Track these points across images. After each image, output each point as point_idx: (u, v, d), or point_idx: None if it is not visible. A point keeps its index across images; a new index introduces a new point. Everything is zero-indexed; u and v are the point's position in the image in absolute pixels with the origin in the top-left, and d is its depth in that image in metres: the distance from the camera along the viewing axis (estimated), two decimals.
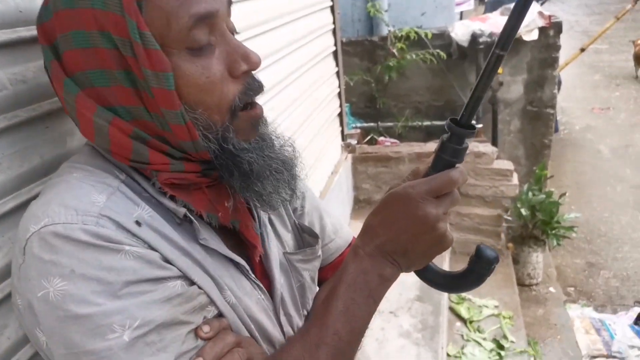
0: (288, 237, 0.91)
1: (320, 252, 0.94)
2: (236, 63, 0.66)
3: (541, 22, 4.04)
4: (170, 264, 0.65)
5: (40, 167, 0.87)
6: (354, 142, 3.69)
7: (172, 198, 0.68)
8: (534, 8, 4.15)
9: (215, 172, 0.71)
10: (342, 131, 3.58)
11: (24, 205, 0.82)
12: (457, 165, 0.70)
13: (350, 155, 3.72)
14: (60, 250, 0.58)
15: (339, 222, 1.07)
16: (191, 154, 0.68)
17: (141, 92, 0.63)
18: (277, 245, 0.86)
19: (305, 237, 0.94)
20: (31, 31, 0.84)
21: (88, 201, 0.62)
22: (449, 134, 0.69)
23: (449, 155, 0.69)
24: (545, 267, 4.02)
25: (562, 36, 4.22)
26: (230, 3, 0.68)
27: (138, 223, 0.64)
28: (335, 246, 1.02)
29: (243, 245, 0.79)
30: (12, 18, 0.81)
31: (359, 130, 3.90)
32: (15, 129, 0.82)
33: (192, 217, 0.69)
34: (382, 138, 4.33)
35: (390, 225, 0.70)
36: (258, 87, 0.70)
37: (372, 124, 4.59)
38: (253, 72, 0.70)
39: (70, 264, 0.57)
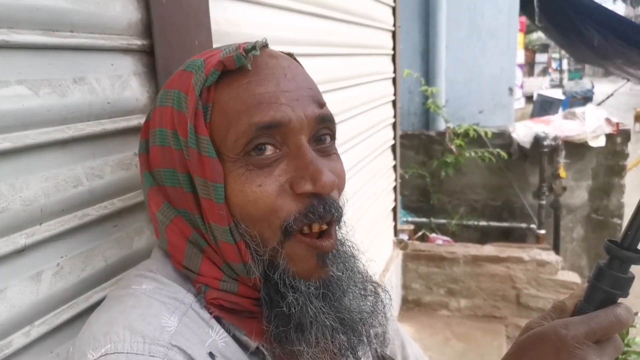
0: None
1: None
2: (301, 179, 0.55)
3: (608, 129, 3.92)
4: None
5: (102, 271, 0.78)
6: (405, 237, 3.54)
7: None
8: (601, 114, 4.06)
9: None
10: (395, 226, 3.45)
11: (79, 316, 0.73)
12: (619, 299, 0.56)
13: (401, 252, 3.56)
14: None
15: (420, 351, 0.93)
16: (244, 279, 0.58)
17: (199, 199, 0.57)
18: None
19: None
20: (116, 124, 0.79)
21: (158, 325, 0.52)
22: (609, 258, 0.56)
23: (610, 286, 0.56)
24: None
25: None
26: (324, 117, 0.59)
27: (212, 355, 0.54)
28: None
29: None
30: (99, 110, 0.77)
31: (412, 226, 3.75)
32: (83, 228, 0.74)
33: (265, 352, 0.58)
34: (433, 235, 4.16)
35: None
36: (325, 213, 0.56)
37: (424, 220, 4.44)
38: (323, 194, 0.57)
39: None
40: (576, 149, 4.09)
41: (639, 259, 0.55)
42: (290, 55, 0.64)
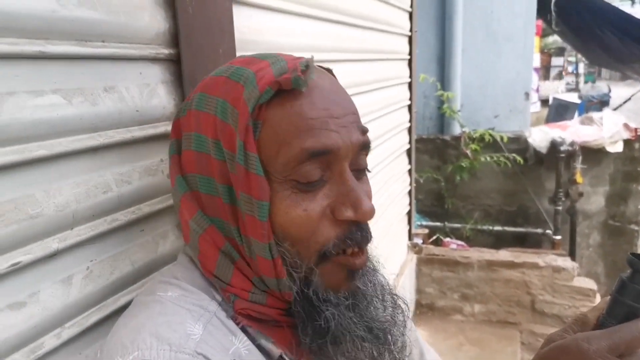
0: None
1: None
2: (343, 206, 0.57)
3: (626, 134, 3.88)
4: None
5: (130, 275, 0.80)
6: (419, 242, 3.53)
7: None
8: (619, 119, 4.01)
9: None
10: (410, 230, 3.44)
11: (107, 319, 0.75)
12: None
13: (415, 256, 3.55)
14: None
15: (438, 358, 0.93)
16: (274, 292, 0.59)
17: (237, 211, 0.57)
18: None
19: None
20: (144, 131, 0.81)
21: (183, 333, 0.53)
22: (632, 271, 0.56)
23: (633, 300, 0.55)
24: None
25: None
26: (365, 144, 0.60)
27: None
28: None
29: None
30: (129, 118, 0.79)
31: (426, 230, 3.74)
32: (112, 233, 0.76)
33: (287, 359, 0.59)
34: (447, 239, 4.14)
35: None
36: (362, 240, 0.59)
37: (438, 224, 4.43)
38: (362, 222, 0.59)
39: None
40: (593, 154, 4.05)
41: None
42: (330, 71, 0.64)
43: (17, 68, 0.62)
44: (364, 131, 0.60)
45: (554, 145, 3.97)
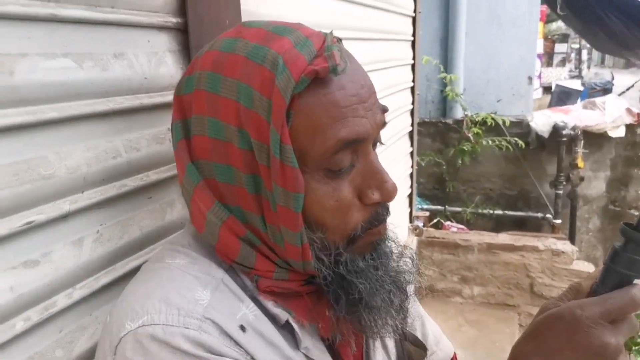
0: (391, 345, 0.79)
1: None
2: (369, 190, 0.58)
3: (629, 119, 3.87)
4: None
5: (139, 240, 0.81)
6: (420, 224, 3.55)
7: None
8: (622, 104, 4.00)
9: (318, 281, 0.62)
10: (411, 212, 3.46)
11: (117, 282, 0.77)
12: (635, 280, 0.57)
13: (416, 239, 3.57)
14: (156, 357, 0.50)
15: (439, 330, 0.95)
16: (297, 270, 0.61)
17: (263, 200, 0.57)
18: (382, 356, 0.75)
19: (407, 346, 0.82)
20: (152, 99, 0.82)
21: (192, 298, 0.54)
22: (624, 241, 0.57)
23: (626, 268, 0.57)
24: None
25: None
26: (385, 123, 0.61)
27: (242, 328, 0.56)
28: None
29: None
30: (137, 85, 0.79)
31: (427, 213, 3.76)
32: (121, 198, 0.77)
33: (294, 325, 0.60)
34: (448, 223, 4.16)
35: (551, 355, 0.57)
36: (385, 215, 0.61)
37: (439, 207, 4.44)
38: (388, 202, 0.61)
39: None
40: (595, 139, 4.05)
41: None
42: (339, 41, 0.62)
43: (30, 30, 0.62)
44: (384, 110, 0.61)
45: (556, 130, 3.97)
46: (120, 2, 0.76)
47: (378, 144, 0.63)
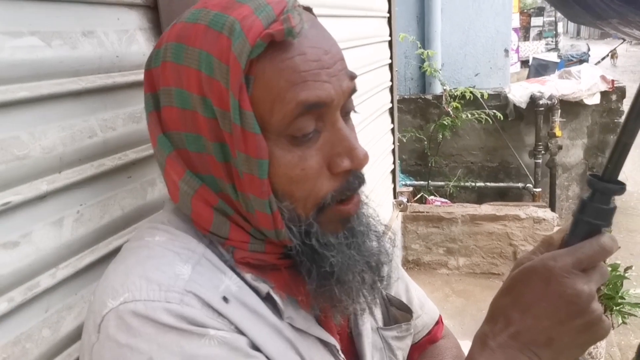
0: (377, 310, 0.81)
1: (412, 329, 0.83)
2: (338, 158, 0.58)
3: (604, 86, 3.93)
4: (259, 349, 0.56)
5: (120, 219, 0.81)
6: (404, 200, 3.59)
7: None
8: (596, 72, 4.06)
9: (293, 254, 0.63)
10: (394, 188, 3.49)
11: (101, 261, 0.77)
12: (603, 229, 0.58)
13: (400, 214, 3.61)
14: (139, 332, 0.50)
15: (423, 294, 0.97)
16: (272, 240, 0.61)
17: (232, 168, 0.57)
18: (370, 322, 0.77)
19: (393, 311, 0.83)
20: (125, 77, 0.81)
21: (172, 273, 0.54)
22: (591, 192, 0.58)
23: (594, 218, 0.57)
24: (608, 345, 3.70)
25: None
26: (354, 90, 0.60)
27: (225, 299, 0.56)
28: (422, 323, 0.91)
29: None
30: (109, 63, 0.79)
31: (410, 189, 3.79)
32: (100, 178, 0.77)
33: (275, 297, 0.60)
34: (432, 197, 4.21)
35: (527, 308, 0.58)
36: (358, 185, 0.61)
37: (422, 183, 4.49)
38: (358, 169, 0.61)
39: (149, 349, 0.50)
40: (571, 107, 4.11)
41: (619, 189, 0.56)
42: (310, 10, 0.62)
43: None
44: (352, 77, 0.60)
45: (533, 100, 4.01)
46: None
47: (352, 112, 0.63)
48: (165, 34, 0.59)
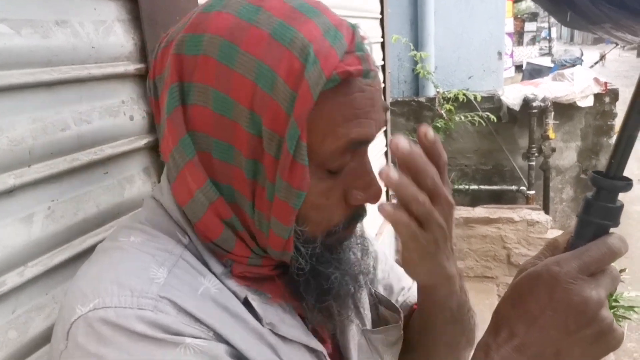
0: (366, 310, 0.78)
1: (402, 332, 0.80)
2: (355, 191, 0.58)
3: (597, 89, 3.93)
4: (241, 354, 0.53)
5: (95, 217, 0.78)
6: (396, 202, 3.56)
7: None
8: (590, 74, 4.06)
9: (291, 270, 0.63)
10: (387, 191, 3.46)
11: (74, 260, 0.74)
12: (611, 229, 0.54)
13: None
14: (109, 341, 0.47)
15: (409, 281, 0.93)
16: (270, 257, 0.60)
17: (258, 187, 0.54)
18: (355, 321, 0.74)
19: (382, 311, 0.81)
20: (102, 69, 0.79)
21: (146, 278, 0.52)
22: (596, 190, 0.54)
23: (600, 217, 0.53)
24: None
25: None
26: (386, 122, 0.59)
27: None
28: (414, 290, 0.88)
29: None
30: (85, 54, 0.76)
31: None
32: (73, 173, 0.74)
33: (252, 303, 0.58)
34: None
35: (532, 318, 0.54)
36: (364, 215, 0.63)
37: None
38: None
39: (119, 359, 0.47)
40: (565, 109, 4.11)
41: (626, 186, 0.53)
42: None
43: None
44: (387, 109, 0.59)
45: (526, 102, 4.00)
46: None
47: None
48: (206, 19, 0.53)
